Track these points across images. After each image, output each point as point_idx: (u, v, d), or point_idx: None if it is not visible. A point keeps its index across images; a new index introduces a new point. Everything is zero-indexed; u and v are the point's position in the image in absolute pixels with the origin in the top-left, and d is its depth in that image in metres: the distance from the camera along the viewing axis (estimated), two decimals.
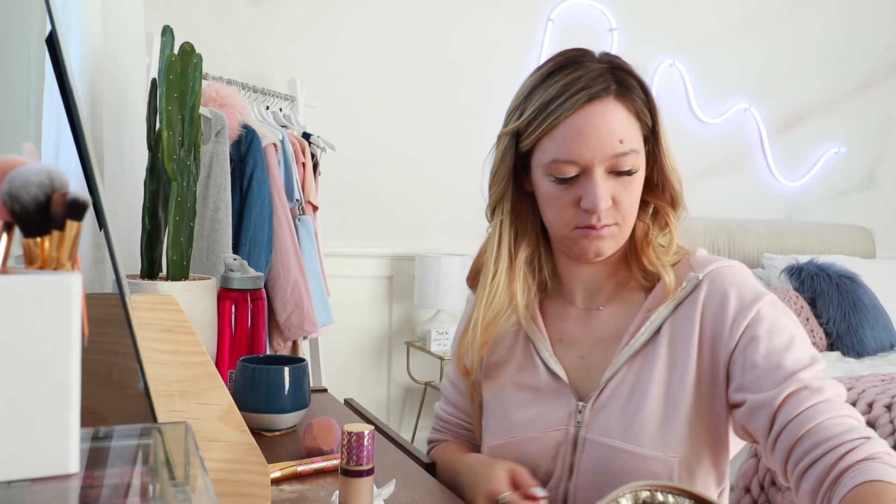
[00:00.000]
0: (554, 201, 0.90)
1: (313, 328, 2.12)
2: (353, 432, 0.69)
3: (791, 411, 0.79)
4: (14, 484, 0.40)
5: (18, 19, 1.52)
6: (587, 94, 0.85)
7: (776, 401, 0.80)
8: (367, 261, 2.98)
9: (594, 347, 0.95)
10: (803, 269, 3.08)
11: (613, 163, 0.86)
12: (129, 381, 0.75)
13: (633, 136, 0.88)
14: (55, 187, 0.44)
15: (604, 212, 0.87)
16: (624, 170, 0.87)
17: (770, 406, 0.80)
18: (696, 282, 0.90)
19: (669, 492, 0.53)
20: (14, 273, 0.42)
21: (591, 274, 0.97)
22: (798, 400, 0.79)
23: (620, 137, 0.86)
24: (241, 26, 2.71)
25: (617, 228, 0.90)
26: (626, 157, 0.86)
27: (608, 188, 0.87)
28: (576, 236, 0.90)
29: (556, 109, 0.86)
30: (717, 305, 0.88)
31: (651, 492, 0.53)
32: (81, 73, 1.26)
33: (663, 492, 0.53)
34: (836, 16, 3.76)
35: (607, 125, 0.86)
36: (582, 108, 0.86)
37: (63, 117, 1.22)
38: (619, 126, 0.86)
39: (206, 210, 1.82)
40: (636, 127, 0.89)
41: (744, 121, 3.63)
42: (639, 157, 0.88)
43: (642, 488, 0.53)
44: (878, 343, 2.93)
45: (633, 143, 0.87)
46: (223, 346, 1.19)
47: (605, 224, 0.88)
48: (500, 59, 3.14)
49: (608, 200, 0.87)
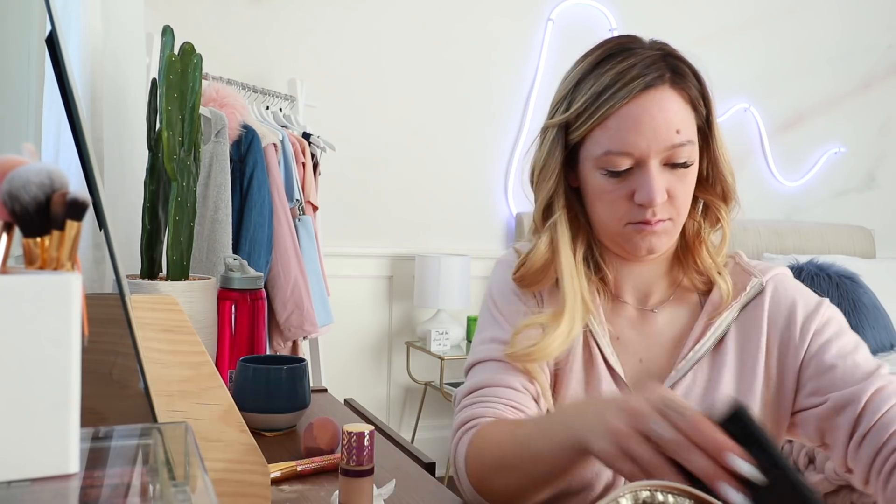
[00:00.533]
0: (605, 196, 0.86)
1: (313, 328, 2.12)
2: (353, 432, 0.69)
3: (877, 409, 0.78)
4: (14, 484, 0.40)
5: (18, 19, 1.52)
6: (642, 82, 0.82)
7: (863, 397, 0.79)
8: (367, 261, 2.98)
9: (653, 351, 0.91)
10: (803, 269, 3.08)
11: (670, 154, 0.83)
12: (129, 381, 0.75)
13: (689, 127, 0.84)
14: (55, 187, 0.44)
15: (659, 206, 0.83)
16: (680, 162, 0.83)
17: (857, 403, 0.79)
18: (760, 287, 0.89)
19: (669, 492, 0.53)
20: (14, 273, 0.42)
21: (642, 273, 0.93)
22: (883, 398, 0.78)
23: (677, 128, 0.82)
24: (241, 26, 2.71)
25: (671, 224, 0.86)
26: (683, 149, 0.83)
27: (663, 181, 0.83)
28: (628, 232, 0.86)
29: (609, 98, 0.82)
30: (785, 312, 0.88)
31: (651, 492, 0.53)
32: (81, 73, 1.26)
33: (663, 492, 0.53)
34: (836, 16, 3.76)
35: (664, 114, 0.82)
36: (637, 96, 0.81)
37: (63, 117, 1.22)
38: (675, 115, 0.82)
39: (206, 210, 1.82)
40: (692, 117, 0.85)
41: (744, 121, 3.63)
42: (694, 148, 0.85)
43: (642, 488, 0.53)
44: (878, 343, 2.93)
45: (690, 134, 0.84)
46: (223, 346, 1.19)
47: (660, 219, 0.84)
48: (500, 59, 3.14)
49: (664, 194, 0.83)
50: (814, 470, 1.93)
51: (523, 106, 3.17)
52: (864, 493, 1.86)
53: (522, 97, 3.17)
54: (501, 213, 3.17)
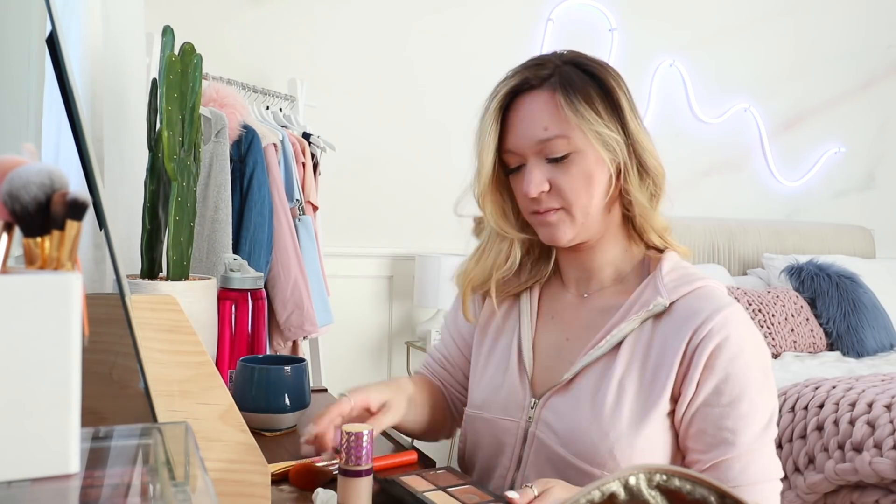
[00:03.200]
0: (515, 190, 0.97)
1: (313, 328, 2.12)
2: (352, 433, 0.70)
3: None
4: (14, 484, 0.40)
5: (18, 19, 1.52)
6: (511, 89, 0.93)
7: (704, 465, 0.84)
8: (367, 261, 2.98)
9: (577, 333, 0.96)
10: (803, 269, 3.08)
11: (542, 148, 0.91)
12: (129, 381, 0.75)
13: (559, 122, 0.90)
14: (55, 187, 0.44)
15: (543, 197, 0.92)
16: (556, 156, 0.90)
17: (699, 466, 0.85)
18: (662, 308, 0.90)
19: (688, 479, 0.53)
20: (14, 273, 0.42)
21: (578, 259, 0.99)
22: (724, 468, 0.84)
23: (545, 125, 0.90)
24: (241, 26, 2.71)
25: (564, 213, 0.92)
26: (554, 143, 0.90)
27: (544, 174, 0.91)
28: (534, 222, 0.95)
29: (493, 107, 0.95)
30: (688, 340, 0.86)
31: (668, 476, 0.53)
32: (81, 73, 1.26)
33: (681, 478, 0.53)
34: (836, 16, 3.76)
35: (531, 114, 0.91)
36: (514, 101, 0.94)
37: (63, 117, 1.22)
38: (541, 114, 0.91)
39: (206, 210, 1.82)
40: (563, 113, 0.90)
41: (744, 121, 3.63)
42: (569, 142, 0.90)
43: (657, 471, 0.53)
44: (878, 343, 2.93)
45: (560, 129, 0.90)
46: (223, 346, 1.19)
47: (549, 208, 0.92)
48: (500, 59, 3.13)
49: (540, 186, 0.91)
50: (814, 470, 1.93)
51: None
52: (864, 493, 1.86)
53: None
54: None
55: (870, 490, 1.85)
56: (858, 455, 1.83)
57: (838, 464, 1.86)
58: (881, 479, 1.79)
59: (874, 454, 1.79)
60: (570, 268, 1.01)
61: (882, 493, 1.83)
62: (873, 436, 1.83)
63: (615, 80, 0.93)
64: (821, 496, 1.95)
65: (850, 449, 1.86)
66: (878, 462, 1.77)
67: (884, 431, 1.82)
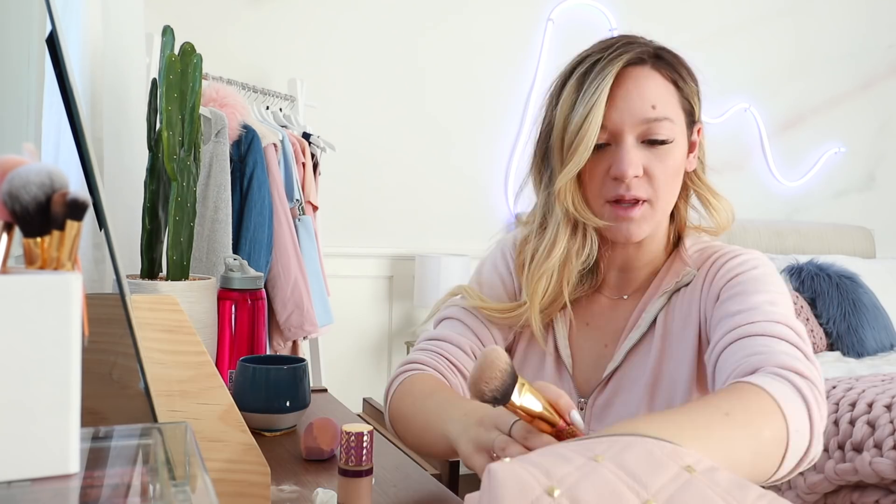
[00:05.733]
0: (588, 172, 0.86)
1: (313, 328, 2.12)
2: (353, 432, 0.69)
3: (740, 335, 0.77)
4: (14, 484, 0.40)
5: (18, 19, 1.52)
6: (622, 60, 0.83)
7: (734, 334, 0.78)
8: (367, 261, 2.98)
9: (616, 336, 0.93)
10: (803, 269, 3.08)
11: (645, 129, 0.83)
12: (129, 381, 0.75)
13: (668, 104, 0.84)
14: (55, 187, 0.44)
15: (634, 182, 0.84)
16: (658, 138, 0.83)
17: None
18: (691, 277, 0.89)
19: None
20: (14, 273, 0.42)
21: (626, 255, 0.94)
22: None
23: (653, 103, 0.83)
24: (241, 26, 2.71)
25: (648, 208, 0.86)
26: (659, 124, 0.83)
27: (640, 157, 0.83)
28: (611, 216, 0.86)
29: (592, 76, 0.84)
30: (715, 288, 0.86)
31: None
32: (81, 73, 1.26)
33: None
34: (836, 16, 3.76)
35: (639, 90, 0.83)
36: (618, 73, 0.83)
37: (63, 117, 1.22)
38: (652, 91, 0.83)
39: (206, 210, 1.82)
40: (673, 96, 0.85)
41: (744, 121, 3.63)
42: (674, 126, 0.84)
43: None
44: (878, 343, 2.93)
45: (667, 112, 0.84)
46: (223, 346, 1.19)
47: (636, 197, 0.84)
48: (500, 59, 3.14)
49: (638, 168, 0.83)
50: (814, 470, 1.93)
51: (523, 106, 3.17)
52: (864, 493, 1.86)
53: (522, 97, 3.17)
54: (501, 213, 3.17)
55: (870, 490, 1.85)
56: (858, 455, 1.83)
57: (838, 464, 1.86)
58: (881, 479, 1.79)
59: (874, 454, 1.79)
60: (611, 268, 0.95)
61: (882, 493, 1.83)
62: (873, 436, 1.83)
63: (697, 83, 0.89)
64: (821, 496, 1.94)
65: (851, 449, 1.86)
66: (878, 462, 1.77)
67: (884, 431, 1.82)
